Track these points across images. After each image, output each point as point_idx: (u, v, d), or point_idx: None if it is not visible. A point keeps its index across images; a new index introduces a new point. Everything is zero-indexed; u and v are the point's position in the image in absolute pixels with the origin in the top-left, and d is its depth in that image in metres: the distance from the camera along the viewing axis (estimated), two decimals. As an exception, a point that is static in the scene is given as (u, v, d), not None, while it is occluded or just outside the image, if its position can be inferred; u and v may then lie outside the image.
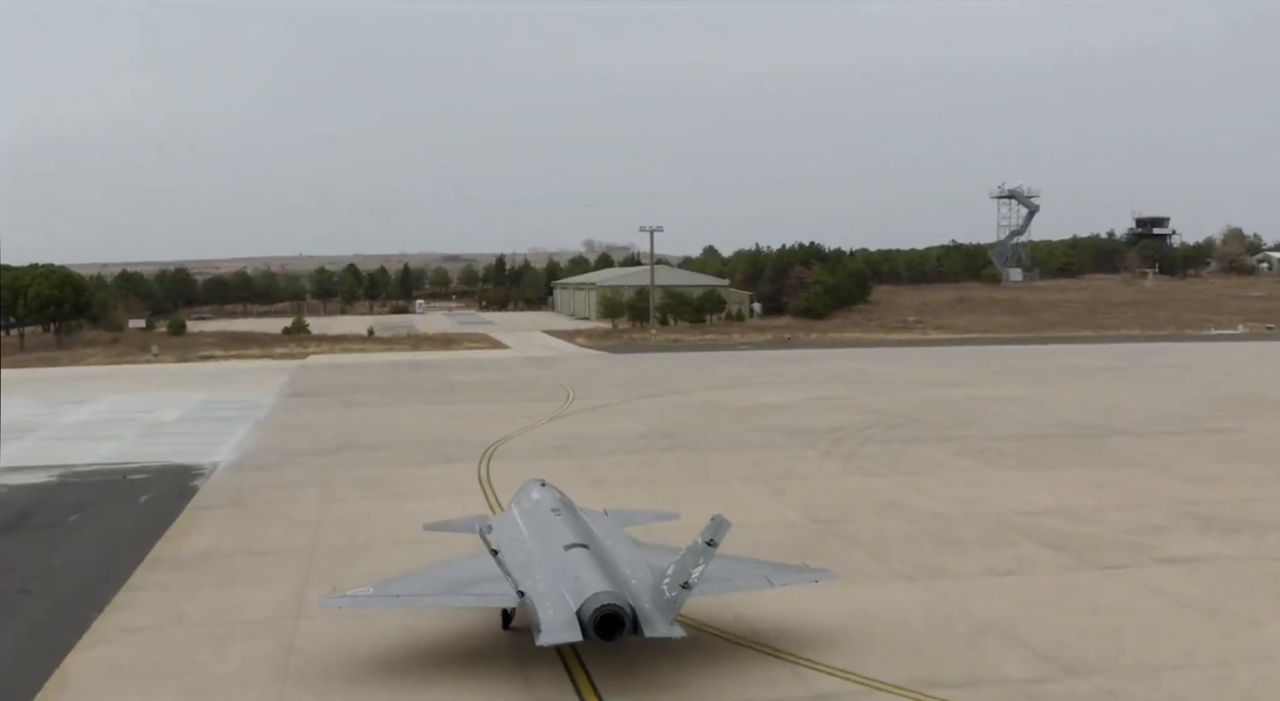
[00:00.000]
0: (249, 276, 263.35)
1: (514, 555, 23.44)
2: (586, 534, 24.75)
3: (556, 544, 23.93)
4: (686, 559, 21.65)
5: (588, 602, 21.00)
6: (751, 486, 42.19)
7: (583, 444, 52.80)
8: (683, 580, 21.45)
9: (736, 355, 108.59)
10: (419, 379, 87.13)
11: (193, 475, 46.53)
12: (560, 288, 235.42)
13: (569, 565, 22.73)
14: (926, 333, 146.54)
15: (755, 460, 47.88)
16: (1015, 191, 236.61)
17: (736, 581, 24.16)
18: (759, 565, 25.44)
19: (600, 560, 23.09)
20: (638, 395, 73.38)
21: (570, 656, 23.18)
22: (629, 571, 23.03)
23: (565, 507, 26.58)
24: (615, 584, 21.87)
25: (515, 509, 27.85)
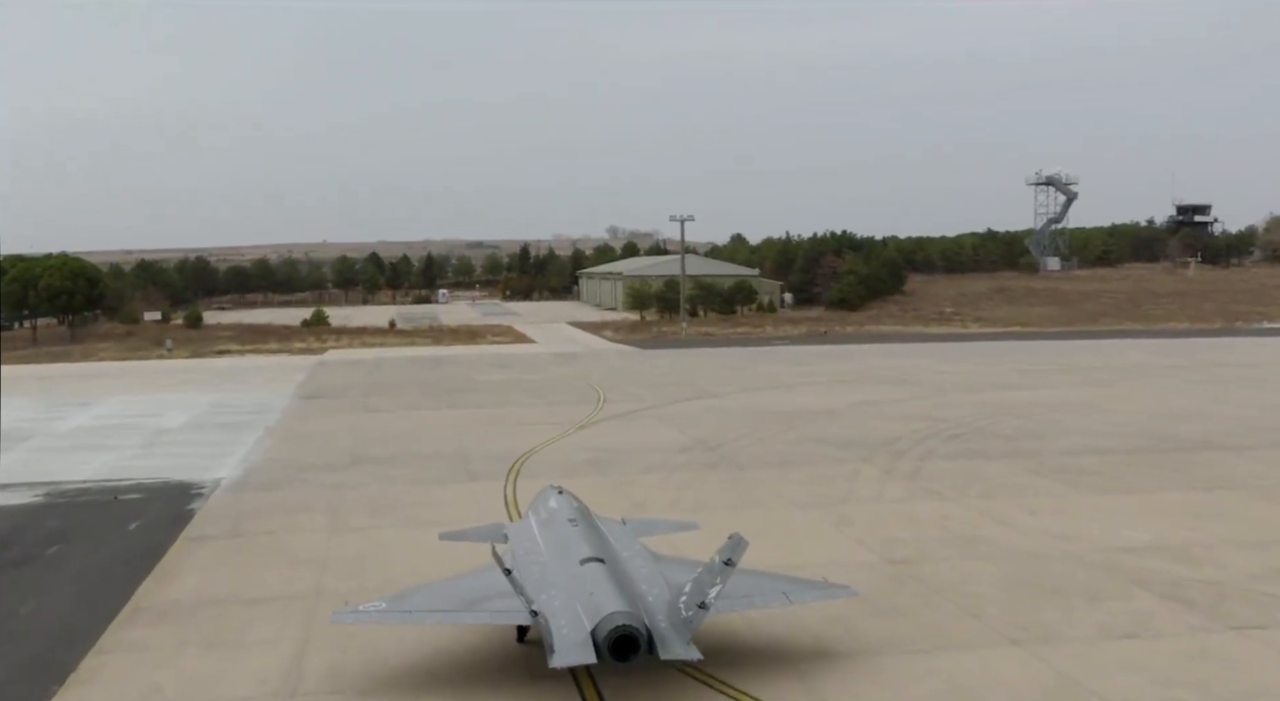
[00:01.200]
0: (270, 265, 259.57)
1: (529, 569, 23.29)
2: (603, 546, 24.13)
3: (572, 557, 23.33)
4: (704, 577, 21.09)
5: (602, 622, 20.36)
6: (810, 514, 37.64)
7: (618, 458, 48.36)
8: (699, 600, 20.93)
9: (771, 351, 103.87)
10: (440, 378, 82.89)
11: (190, 495, 42.33)
12: (586, 277, 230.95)
13: (584, 581, 22.12)
14: (966, 325, 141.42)
15: (809, 479, 43.35)
16: (1053, 178, 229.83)
17: (754, 598, 23.38)
18: (777, 580, 24.53)
19: (616, 575, 22.49)
20: (672, 398, 68.88)
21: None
22: (645, 587, 22.50)
23: (582, 517, 25.91)
24: (631, 602, 21.24)
25: (532, 517, 27.19)
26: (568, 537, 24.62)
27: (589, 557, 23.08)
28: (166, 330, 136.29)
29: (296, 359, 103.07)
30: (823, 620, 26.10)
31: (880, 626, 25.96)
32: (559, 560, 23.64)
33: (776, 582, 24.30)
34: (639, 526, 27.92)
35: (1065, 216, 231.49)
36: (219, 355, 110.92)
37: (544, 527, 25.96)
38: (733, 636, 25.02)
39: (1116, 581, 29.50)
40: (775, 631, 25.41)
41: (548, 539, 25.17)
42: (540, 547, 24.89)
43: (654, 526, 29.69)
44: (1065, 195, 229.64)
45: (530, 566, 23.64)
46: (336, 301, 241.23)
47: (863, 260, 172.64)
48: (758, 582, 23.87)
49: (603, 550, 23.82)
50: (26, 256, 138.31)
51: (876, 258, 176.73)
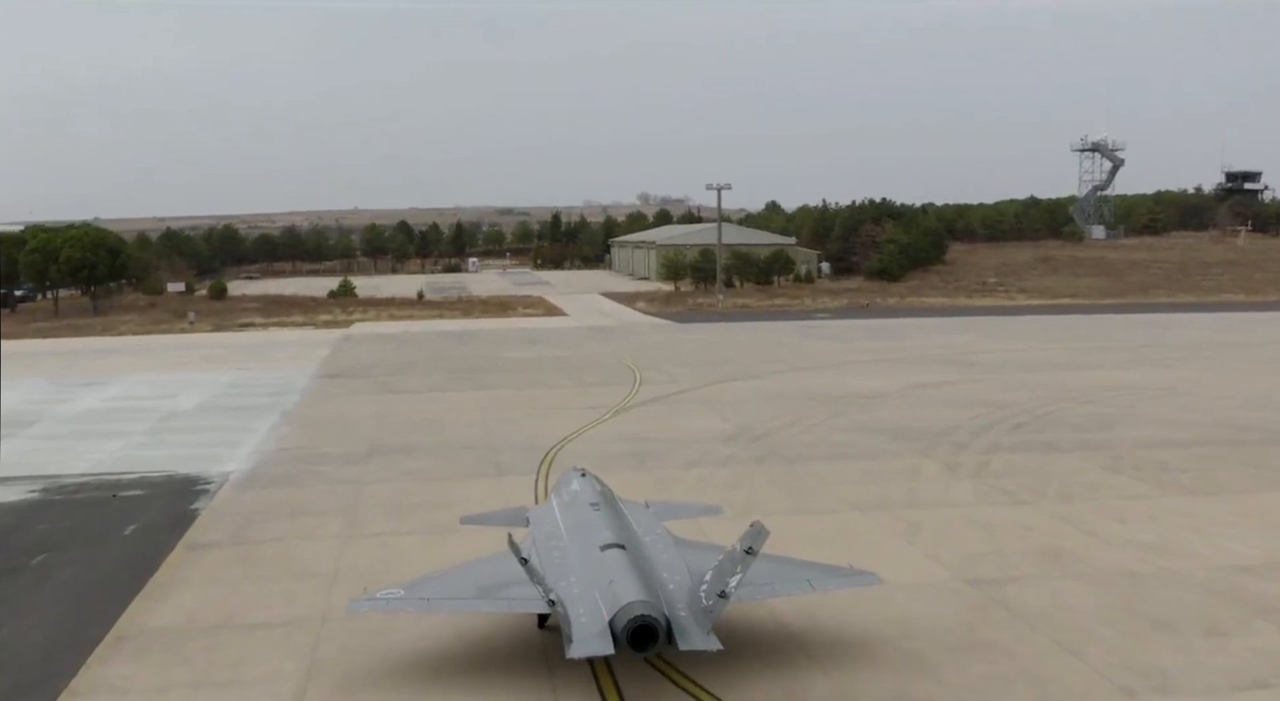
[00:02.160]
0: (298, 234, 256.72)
1: (549, 554, 23.06)
2: (625, 531, 23.73)
3: (593, 543, 22.91)
4: (724, 565, 20.75)
5: (621, 612, 19.98)
6: (873, 519, 33.97)
7: (657, 449, 44.75)
8: (720, 589, 20.54)
9: (812, 326, 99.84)
10: (468, 355, 79.53)
11: (195, 492, 39.11)
12: (618, 246, 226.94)
13: (604, 568, 21.70)
14: (1012, 297, 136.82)
15: (867, 476, 39.67)
16: (1099, 144, 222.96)
17: (776, 586, 22.90)
18: (800, 566, 23.87)
19: (637, 562, 22.03)
20: (712, 378, 65.21)
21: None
22: (666, 574, 22.14)
23: (605, 501, 25.44)
24: (650, 590, 20.85)
25: (554, 500, 26.74)
26: (589, 522, 24.17)
27: (609, 543, 22.64)
28: (190, 302, 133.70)
29: (321, 333, 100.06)
30: (905, 660, 22.60)
31: (971, 670, 22.36)
32: (579, 545, 23.21)
33: (799, 569, 23.68)
34: (662, 509, 27.26)
35: (1112, 183, 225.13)
36: (242, 328, 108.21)
37: (566, 511, 25.44)
38: (808, 685, 21.58)
39: (1233, 610, 25.70)
40: (855, 683, 21.89)
41: (569, 523, 24.70)
42: (561, 532, 24.43)
43: (677, 509, 29.25)
44: (1112, 161, 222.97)
45: (551, 552, 23.32)
46: (365, 270, 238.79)
47: (903, 229, 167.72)
48: (780, 569, 23.31)
49: (624, 535, 23.38)
50: (48, 227, 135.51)
51: (917, 226, 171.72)
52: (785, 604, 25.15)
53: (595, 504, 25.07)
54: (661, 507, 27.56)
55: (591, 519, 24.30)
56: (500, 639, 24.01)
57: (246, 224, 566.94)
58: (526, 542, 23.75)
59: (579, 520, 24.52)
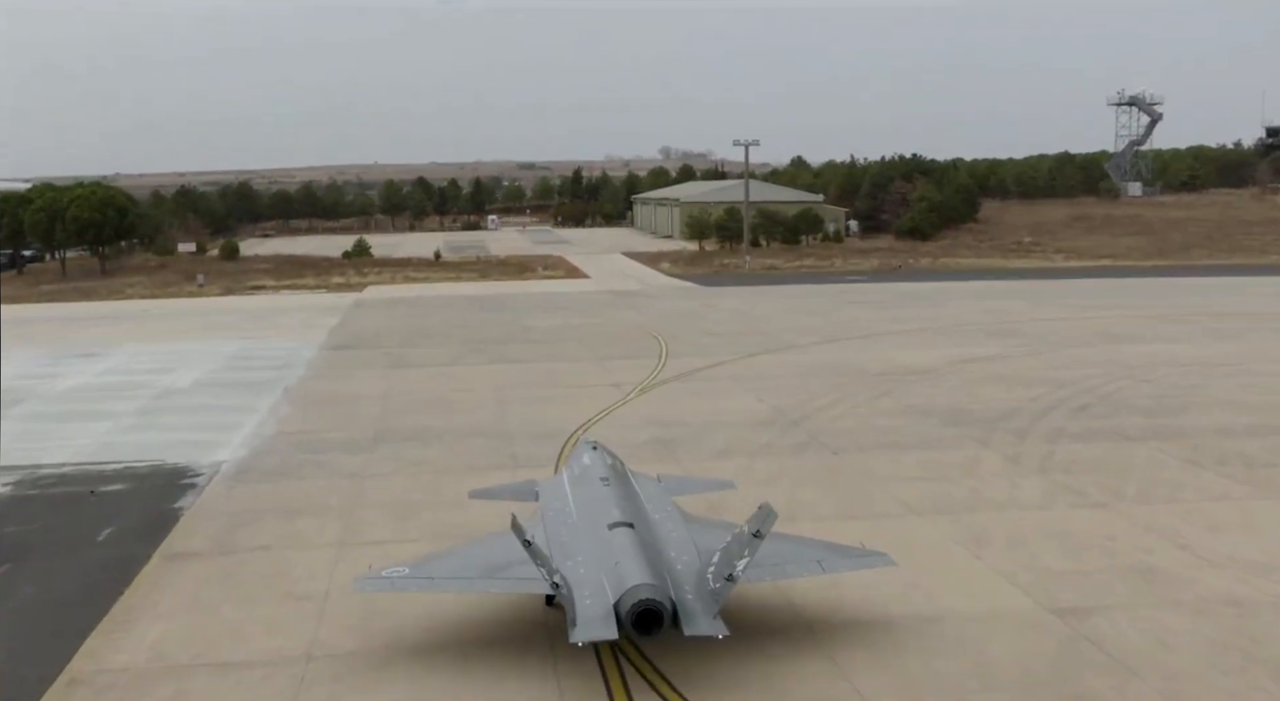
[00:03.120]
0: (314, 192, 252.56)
1: (557, 531, 22.79)
2: (634, 509, 23.39)
3: (601, 521, 22.50)
4: (732, 548, 20.26)
5: (626, 595, 19.57)
6: (933, 526, 30.17)
7: (686, 436, 40.95)
8: (727, 572, 20.04)
9: (845, 290, 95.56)
10: (484, 323, 75.76)
11: (182, 486, 35.65)
12: (641, 203, 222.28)
13: (611, 548, 21.25)
14: (1049, 258, 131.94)
15: (920, 469, 35.86)
16: (1136, 98, 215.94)
17: (787, 568, 22.39)
18: (810, 546, 23.41)
19: (644, 542, 21.61)
20: (743, 349, 61.33)
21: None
22: (675, 553, 21.83)
23: (615, 476, 25.03)
24: (657, 572, 20.39)
25: (565, 474, 26.34)
26: (599, 498, 23.78)
27: (618, 521, 22.21)
28: (201, 263, 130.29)
29: (333, 297, 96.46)
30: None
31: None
32: (587, 523, 22.84)
33: (809, 549, 23.20)
34: (674, 484, 27.00)
35: (1149, 139, 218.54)
36: (253, 291, 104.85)
37: (576, 486, 25.02)
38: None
39: (1370, 653, 21.89)
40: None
41: (579, 499, 24.27)
42: (570, 508, 24.02)
43: (689, 485, 28.91)
44: (1149, 116, 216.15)
45: (559, 528, 23.01)
46: (383, 228, 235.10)
47: (934, 186, 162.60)
48: (789, 548, 22.80)
49: (633, 513, 23.01)
50: (57, 184, 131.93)
51: (949, 183, 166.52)
52: (847, 647, 21.61)
53: (605, 479, 24.61)
54: (673, 482, 27.26)
55: (601, 495, 23.86)
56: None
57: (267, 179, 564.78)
58: (535, 518, 23.93)
59: (589, 496, 24.06)
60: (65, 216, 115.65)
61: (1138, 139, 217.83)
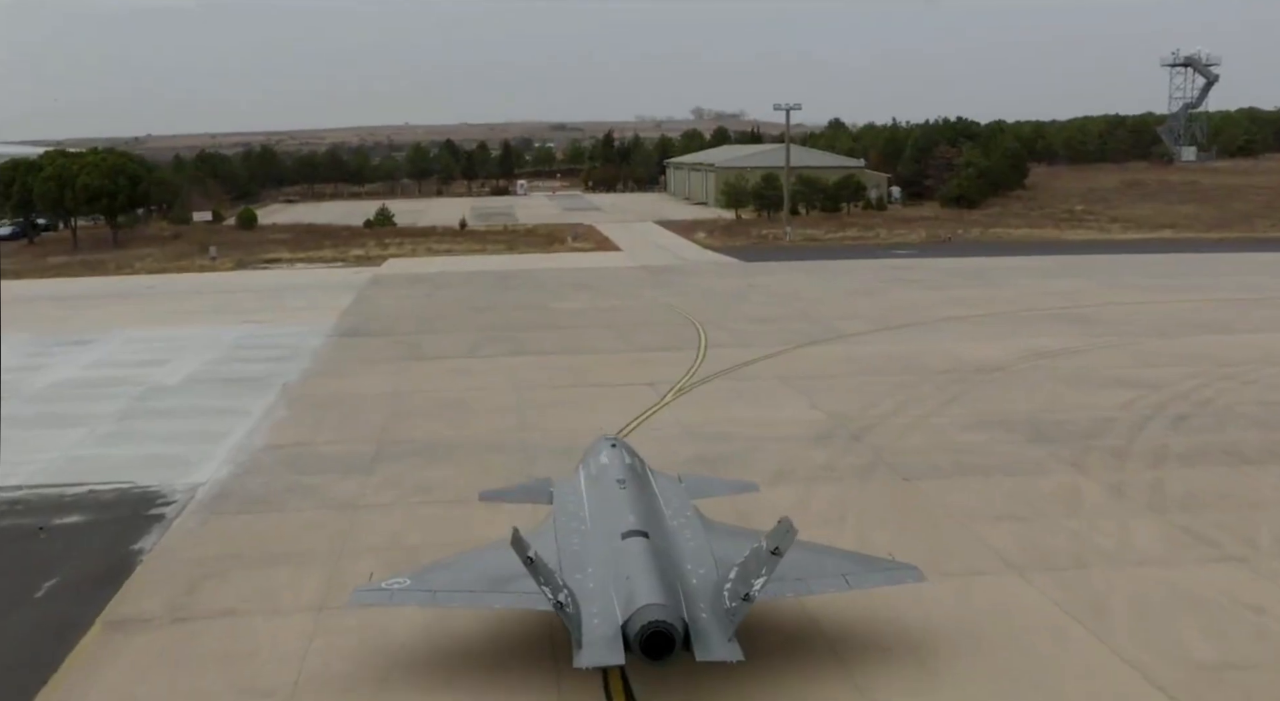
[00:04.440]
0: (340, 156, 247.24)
1: (568, 539, 21.75)
2: (650, 515, 22.01)
3: (614, 529, 21.12)
4: (750, 564, 18.74)
5: (635, 616, 18.24)
6: (1037, 589, 24.76)
7: (731, 453, 35.59)
8: (744, 591, 18.53)
9: (894, 266, 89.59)
10: (508, 304, 70.55)
11: (148, 518, 30.70)
12: (674, 167, 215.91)
13: (623, 560, 19.87)
14: (1105, 229, 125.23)
15: (1010, 503, 30.48)
16: (1192, 58, 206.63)
17: (810, 583, 20.55)
18: (834, 557, 21.70)
19: (659, 553, 20.17)
20: (790, 339, 55.88)
21: None
22: (691, 565, 20.53)
23: (632, 478, 23.70)
24: (670, 590, 18.92)
25: (581, 473, 25.02)
26: (614, 502, 22.61)
27: (632, 530, 21.01)
28: (216, 233, 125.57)
29: (349, 273, 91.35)
30: None
31: None
32: (600, 530, 21.74)
33: (833, 560, 21.67)
34: (695, 485, 25.77)
35: (1204, 101, 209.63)
36: (267, 264, 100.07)
37: (591, 488, 23.87)
38: None
39: None
40: None
41: (593, 502, 23.21)
42: (584, 513, 22.99)
43: (711, 486, 27.48)
44: (1205, 77, 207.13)
45: (570, 536, 21.98)
46: (410, 193, 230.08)
47: (981, 151, 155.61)
48: (812, 560, 21.19)
49: (649, 520, 21.80)
50: (69, 151, 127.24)
51: (996, 148, 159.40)
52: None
53: (622, 481, 23.38)
54: (695, 483, 26.02)
55: (616, 499, 22.67)
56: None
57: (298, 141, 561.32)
58: (548, 523, 23.12)
59: (603, 499, 22.95)
60: (75, 185, 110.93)
61: (1192, 101, 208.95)
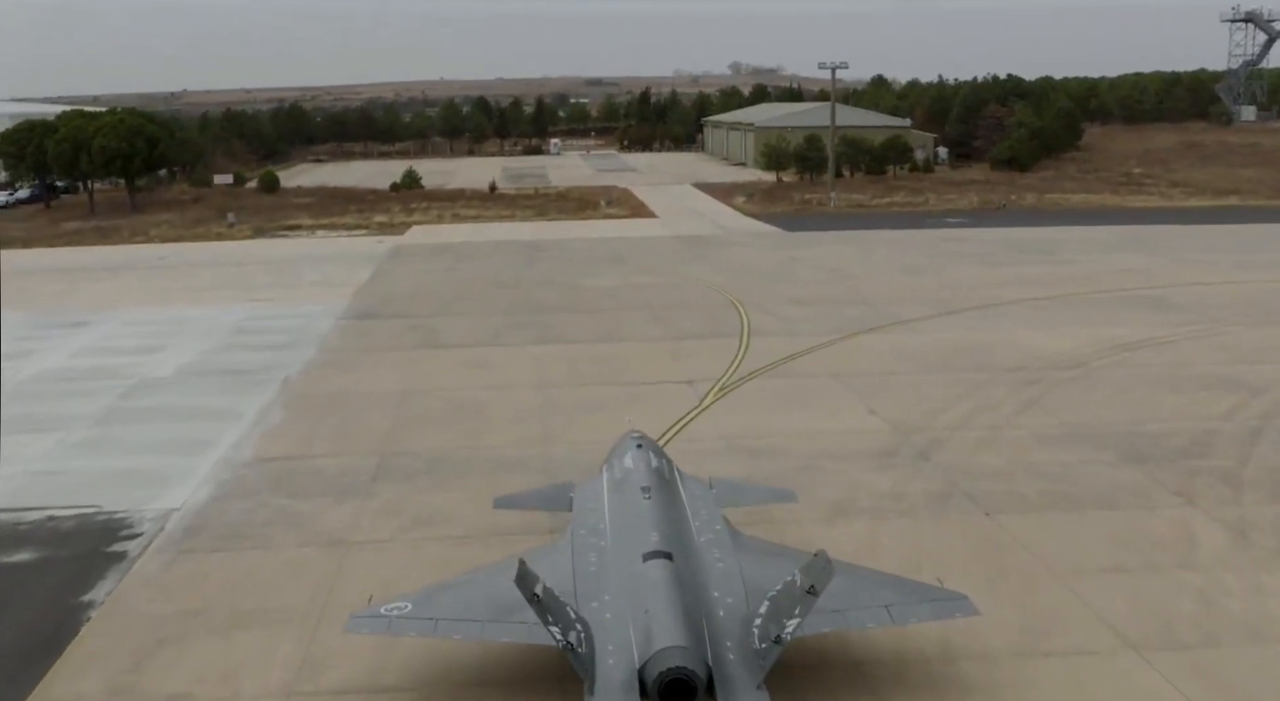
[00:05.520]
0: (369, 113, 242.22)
1: (585, 558, 20.07)
2: (675, 532, 20.51)
3: (636, 548, 19.60)
4: (781, 601, 17.21)
5: (654, 660, 16.49)
6: (1162, 678, 20.15)
7: (781, 476, 30.84)
8: (775, 632, 17.01)
9: (946, 237, 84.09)
10: (535, 281, 65.91)
11: (107, 559, 26.51)
12: (712, 126, 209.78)
13: (643, 588, 18.28)
14: (1166, 194, 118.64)
15: (1114, 549, 25.80)
16: (1253, 14, 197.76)
17: (848, 614, 18.61)
18: (875, 583, 19.64)
19: (683, 581, 18.56)
20: (842, 325, 51.02)
21: None
22: (719, 593, 18.86)
23: (659, 485, 22.08)
24: (693, 628, 17.20)
25: (605, 477, 23.35)
26: (637, 515, 20.88)
27: (654, 551, 19.25)
28: (237, 197, 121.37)
29: (370, 243, 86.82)
30: None
31: None
32: (621, 549, 19.96)
33: (874, 587, 19.34)
34: (726, 492, 24.03)
35: (1265, 58, 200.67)
36: (286, 231, 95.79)
37: (614, 495, 22.31)
38: None
39: None
40: None
41: (615, 514, 21.46)
42: (604, 526, 21.17)
43: (744, 493, 25.60)
44: (1266, 34, 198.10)
45: (587, 554, 20.18)
46: (441, 151, 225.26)
47: (1033, 110, 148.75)
48: (851, 587, 18.86)
49: (674, 537, 20.10)
50: (85, 111, 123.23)
51: (1049, 107, 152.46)
52: None
53: (647, 489, 21.84)
54: (726, 489, 24.18)
55: (640, 511, 21.12)
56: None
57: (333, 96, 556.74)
58: (565, 536, 21.62)
59: (626, 511, 21.44)
60: (91, 147, 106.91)
61: (1253, 58, 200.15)
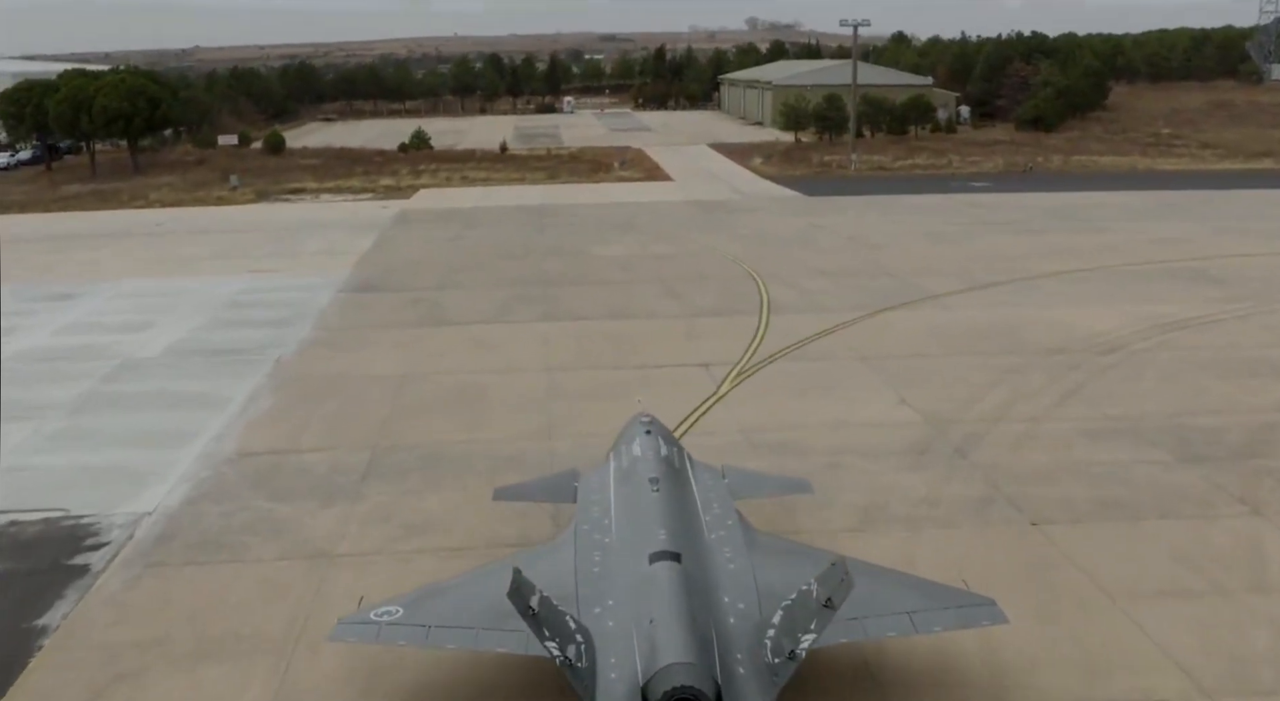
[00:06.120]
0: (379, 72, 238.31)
1: (588, 556, 18.65)
2: (684, 529, 18.99)
3: (642, 547, 18.02)
4: (796, 613, 15.68)
5: (659, 677, 14.76)
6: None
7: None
8: (789, 647, 15.55)
9: (973, 202, 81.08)
10: (544, 250, 63.24)
11: (68, 573, 24.20)
12: (729, 84, 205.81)
13: (649, 594, 16.65)
14: (1198, 156, 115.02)
15: (1175, 569, 23.31)
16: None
17: (867, 624, 17.00)
18: (897, 586, 18.16)
19: (692, 585, 16.92)
20: (867, 300, 48.35)
21: None
22: (730, 597, 17.36)
23: (668, 476, 20.63)
24: (702, 641, 15.53)
25: (611, 465, 22.01)
26: (644, 510, 19.42)
27: (662, 552, 17.63)
28: (241, 158, 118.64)
29: (375, 208, 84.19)
30: None
31: None
32: (626, 548, 18.47)
33: (896, 591, 17.88)
34: (740, 482, 22.57)
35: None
36: (291, 194, 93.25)
37: (621, 486, 20.76)
38: None
39: None
40: None
41: (621, 507, 20.03)
42: (609, 521, 19.75)
43: (759, 484, 24.06)
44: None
45: (591, 553, 18.75)
46: (452, 110, 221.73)
47: (1059, 68, 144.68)
48: (872, 589, 17.27)
49: (683, 535, 18.54)
50: (87, 70, 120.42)
51: (1075, 65, 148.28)
52: None
53: (656, 480, 20.41)
54: (740, 478, 22.94)
55: (648, 505, 19.65)
56: None
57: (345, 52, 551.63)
58: (568, 530, 20.37)
59: (633, 504, 19.99)
60: (92, 107, 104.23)
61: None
